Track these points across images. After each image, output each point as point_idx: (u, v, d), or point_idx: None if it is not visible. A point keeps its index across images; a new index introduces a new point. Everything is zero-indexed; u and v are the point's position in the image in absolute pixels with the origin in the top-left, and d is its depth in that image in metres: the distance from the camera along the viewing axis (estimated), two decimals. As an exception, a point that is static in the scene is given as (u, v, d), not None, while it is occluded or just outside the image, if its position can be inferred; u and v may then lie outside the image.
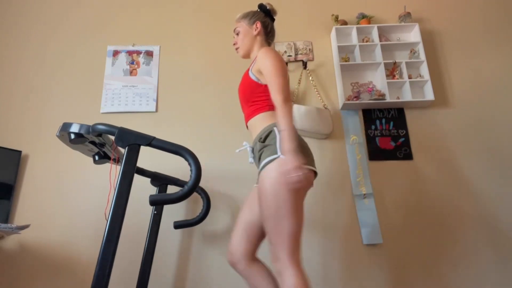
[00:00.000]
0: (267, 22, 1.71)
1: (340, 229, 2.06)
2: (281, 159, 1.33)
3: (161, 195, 1.19)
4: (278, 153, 1.36)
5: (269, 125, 1.47)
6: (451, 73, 2.43)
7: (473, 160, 2.22)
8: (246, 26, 1.68)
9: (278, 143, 1.38)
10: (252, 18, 1.68)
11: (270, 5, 1.74)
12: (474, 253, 2.03)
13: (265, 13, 1.73)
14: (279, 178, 1.31)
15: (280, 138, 1.35)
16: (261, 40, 1.68)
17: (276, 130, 1.43)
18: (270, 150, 1.39)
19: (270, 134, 1.44)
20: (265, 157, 1.40)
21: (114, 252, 1.12)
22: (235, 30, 1.71)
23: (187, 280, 1.96)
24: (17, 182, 2.10)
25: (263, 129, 1.48)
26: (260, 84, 1.53)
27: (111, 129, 1.24)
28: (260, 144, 1.46)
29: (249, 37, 1.67)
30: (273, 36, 1.75)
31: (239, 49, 1.70)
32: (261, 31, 1.67)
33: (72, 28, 2.51)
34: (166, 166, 2.05)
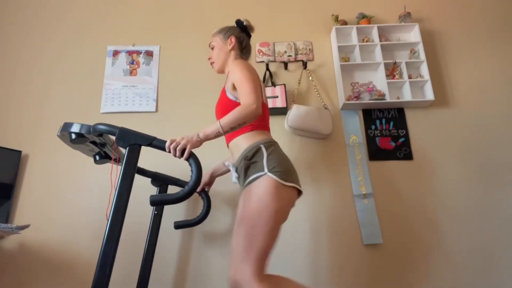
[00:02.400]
0: (243, 37, 1.70)
1: (340, 229, 2.06)
2: (267, 177, 1.34)
3: (161, 195, 1.19)
4: (265, 170, 1.36)
5: (255, 143, 1.46)
6: (451, 73, 2.44)
7: (473, 160, 2.22)
8: (220, 41, 1.68)
9: (265, 160, 1.38)
10: (227, 33, 1.68)
11: (247, 21, 1.73)
12: (474, 252, 2.03)
13: (241, 29, 1.72)
14: (264, 196, 1.32)
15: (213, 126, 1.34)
16: (235, 55, 1.67)
17: (263, 147, 1.43)
18: (257, 166, 1.39)
19: (258, 152, 1.43)
20: (252, 172, 1.40)
21: (114, 252, 1.12)
22: (210, 45, 1.72)
23: (187, 280, 1.96)
24: (17, 182, 2.10)
25: (248, 147, 1.47)
26: (237, 103, 1.50)
27: (112, 129, 1.24)
28: (246, 162, 1.44)
29: (223, 52, 1.67)
30: (248, 53, 1.73)
31: (214, 63, 1.70)
32: (235, 46, 1.67)
33: (72, 28, 2.51)
34: (167, 166, 2.05)
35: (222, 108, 1.56)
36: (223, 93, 1.58)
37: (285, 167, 1.40)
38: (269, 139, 1.51)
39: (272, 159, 1.40)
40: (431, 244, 2.04)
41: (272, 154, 1.42)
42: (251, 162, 1.43)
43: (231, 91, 1.53)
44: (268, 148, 1.44)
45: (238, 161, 1.52)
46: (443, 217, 2.09)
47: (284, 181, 1.36)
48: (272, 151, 1.44)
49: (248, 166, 1.43)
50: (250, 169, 1.42)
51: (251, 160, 1.43)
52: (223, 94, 1.58)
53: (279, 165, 1.38)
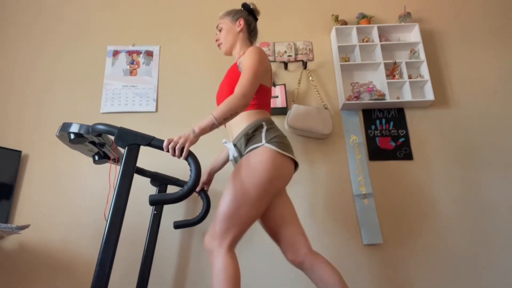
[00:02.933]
0: (250, 20, 1.73)
1: (340, 229, 2.06)
2: (264, 147, 1.36)
3: (160, 195, 1.19)
4: (263, 141, 1.39)
5: (256, 120, 1.48)
6: (451, 73, 2.43)
7: (473, 160, 2.22)
8: (229, 23, 1.70)
9: (264, 133, 1.41)
10: (236, 15, 1.70)
11: (253, 5, 1.75)
12: (474, 252, 2.02)
13: (248, 12, 1.74)
14: (259, 164, 1.33)
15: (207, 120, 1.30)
16: (244, 38, 1.69)
17: (264, 124, 1.46)
18: (255, 139, 1.42)
19: (258, 128, 1.46)
20: (250, 144, 1.43)
21: (114, 252, 1.12)
22: (217, 27, 1.73)
23: (187, 280, 1.96)
24: (17, 182, 2.10)
25: (250, 124, 1.48)
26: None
27: (110, 129, 1.24)
28: (246, 138, 1.46)
29: (232, 34, 1.68)
30: (255, 35, 1.76)
31: (221, 45, 1.71)
32: (244, 28, 1.69)
33: (72, 28, 2.51)
34: (166, 166, 2.05)
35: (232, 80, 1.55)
36: (233, 69, 1.60)
37: (283, 139, 1.43)
38: (269, 118, 1.55)
39: (270, 132, 1.43)
40: (431, 244, 2.04)
41: (272, 129, 1.45)
42: (250, 136, 1.45)
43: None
44: (269, 125, 1.48)
45: (238, 137, 1.52)
46: (443, 217, 2.09)
47: (282, 151, 1.38)
48: (272, 127, 1.47)
49: (248, 140, 1.46)
50: (249, 143, 1.44)
51: (250, 135, 1.46)
52: (234, 69, 1.59)
53: (277, 136, 1.42)
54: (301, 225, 1.50)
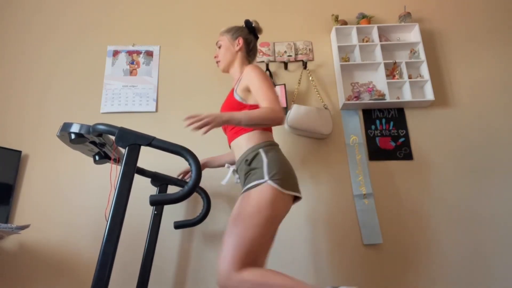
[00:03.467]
0: (250, 39, 1.71)
1: (340, 229, 2.06)
2: (267, 185, 1.34)
3: (161, 195, 1.19)
4: (265, 178, 1.36)
5: (254, 146, 1.46)
6: (451, 73, 2.44)
7: (473, 160, 2.22)
8: (228, 41, 1.69)
9: (266, 167, 1.39)
10: (235, 34, 1.69)
11: (256, 23, 1.73)
12: (474, 252, 2.02)
13: (249, 30, 1.72)
14: (260, 202, 1.32)
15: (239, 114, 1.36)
16: (242, 57, 1.68)
17: (262, 152, 1.43)
18: (257, 174, 1.39)
19: (257, 157, 1.43)
20: (252, 179, 1.40)
21: (114, 252, 1.12)
22: (217, 44, 1.72)
23: (187, 280, 1.96)
24: (17, 182, 2.10)
25: (248, 150, 1.47)
26: (244, 105, 1.52)
27: (111, 129, 1.24)
28: (246, 167, 1.45)
29: (230, 52, 1.68)
30: (254, 55, 1.75)
31: (219, 62, 1.71)
32: (243, 48, 1.68)
33: (72, 28, 2.51)
34: (166, 166, 2.05)
35: (228, 108, 1.57)
36: (230, 95, 1.60)
37: (285, 173, 1.40)
38: (270, 141, 1.51)
39: (272, 165, 1.39)
40: (431, 244, 2.04)
41: (273, 160, 1.42)
42: (251, 168, 1.43)
43: (240, 93, 1.54)
44: (268, 152, 1.44)
45: (238, 162, 1.53)
46: (443, 217, 2.09)
47: (284, 189, 1.36)
48: (272, 156, 1.43)
49: (248, 172, 1.43)
50: (250, 176, 1.42)
51: (250, 166, 1.43)
52: (231, 96, 1.59)
53: (279, 171, 1.38)
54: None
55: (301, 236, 2.04)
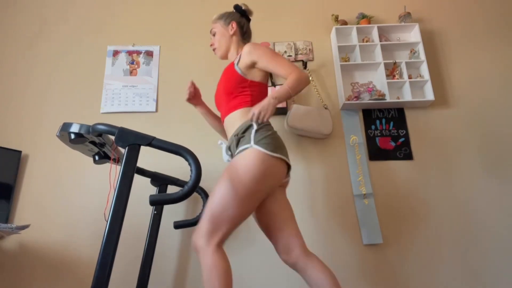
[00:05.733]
0: (243, 22, 1.73)
1: (340, 229, 2.06)
2: (252, 148, 1.36)
3: (161, 195, 1.19)
4: (251, 142, 1.37)
5: (247, 121, 1.47)
6: (451, 73, 2.44)
7: (473, 160, 2.22)
8: (221, 27, 1.70)
9: (253, 134, 1.40)
10: (228, 19, 1.70)
11: (245, 6, 1.75)
12: (474, 252, 2.02)
13: (240, 14, 1.74)
14: (246, 163, 1.33)
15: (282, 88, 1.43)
16: (237, 40, 1.69)
17: (255, 124, 1.44)
18: (244, 140, 1.41)
19: (248, 129, 1.44)
20: (240, 146, 1.42)
21: (114, 252, 1.12)
22: (211, 31, 1.73)
23: (187, 280, 1.96)
24: (17, 182, 2.10)
25: (240, 126, 1.49)
26: (245, 79, 1.54)
27: (111, 129, 1.24)
28: (236, 139, 1.47)
29: (226, 38, 1.69)
30: (249, 37, 1.76)
31: (216, 50, 1.72)
32: (237, 31, 1.69)
33: (72, 28, 2.51)
34: (166, 166, 2.05)
35: (228, 80, 1.56)
36: (229, 69, 1.60)
37: (272, 140, 1.40)
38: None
39: (259, 134, 1.41)
40: (431, 244, 2.04)
41: (262, 130, 1.43)
42: (240, 136, 1.45)
43: (243, 68, 1.55)
44: (259, 124, 1.45)
45: (230, 139, 1.54)
46: (443, 217, 2.09)
47: (270, 152, 1.36)
48: (262, 127, 1.45)
49: (238, 141, 1.46)
50: (239, 144, 1.44)
51: (240, 136, 1.46)
52: (230, 69, 1.59)
53: (265, 138, 1.39)
54: (297, 226, 1.48)
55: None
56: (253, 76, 1.55)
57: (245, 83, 1.54)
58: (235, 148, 1.48)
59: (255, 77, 1.55)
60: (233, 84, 1.54)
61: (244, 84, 1.54)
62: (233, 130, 1.53)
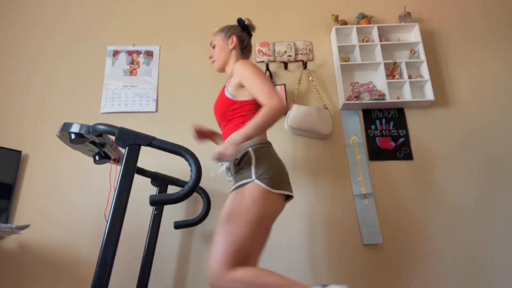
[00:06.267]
0: (244, 37, 1.70)
1: (340, 229, 2.06)
2: (254, 184, 1.33)
3: (161, 195, 1.19)
4: (252, 177, 1.34)
5: (244, 145, 1.44)
6: (451, 73, 2.44)
7: (473, 160, 2.22)
8: (221, 40, 1.68)
9: (253, 166, 1.37)
10: (228, 32, 1.68)
11: (248, 21, 1.72)
12: (474, 252, 2.03)
13: (242, 28, 1.71)
14: (248, 200, 1.31)
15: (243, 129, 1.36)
16: (237, 55, 1.67)
17: (251, 152, 1.41)
18: (244, 173, 1.38)
19: (246, 156, 1.41)
20: (239, 179, 1.39)
21: (114, 252, 1.12)
22: (211, 44, 1.71)
23: (187, 280, 1.96)
24: (17, 182, 2.10)
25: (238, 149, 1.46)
26: (235, 101, 1.51)
27: (111, 129, 1.24)
28: (235, 167, 1.44)
29: (225, 51, 1.66)
30: (249, 52, 1.73)
31: (215, 62, 1.70)
32: (237, 45, 1.67)
33: (72, 28, 2.51)
34: (166, 166, 2.05)
35: (220, 105, 1.57)
36: (222, 93, 1.59)
37: (274, 172, 1.38)
38: (261, 139, 1.48)
39: (260, 165, 1.37)
40: (431, 244, 2.04)
41: (261, 159, 1.40)
42: (239, 167, 1.42)
43: (231, 90, 1.53)
44: (258, 151, 1.42)
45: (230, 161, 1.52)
46: (443, 217, 2.09)
47: (272, 188, 1.33)
48: (261, 155, 1.41)
49: (237, 171, 1.43)
50: (238, 175, 1.41)
51: (239, 165, 1.42)
52: (222, 93, 1.58)
53: (267, 171, 1.36)
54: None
55: (301, 236, 2.04)
56: (244, 95, 1.51)
57: (235, 105, 1.51)
58: (233, 172, 1.47)
59: (246, 96, 1.51)
60: (224, 109, 1.53)
61: (234, 107, 1.51)
62: None
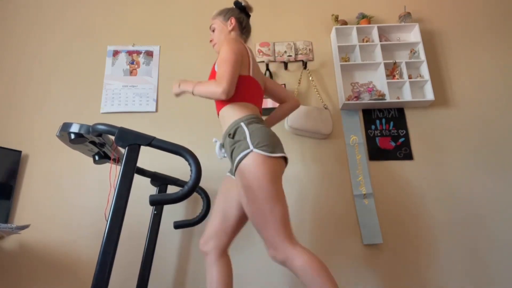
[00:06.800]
0: (242, 18, 1.73)
1: (340, 229, 2.06)
2: (254, 153, 1.37)
3: (161, 195, 1.19)
4: (250, 147, 1.39)
5: (236, 121, 1.49)
6: (451, 73, 2.44)
7: (473, 160, 2.22)
8: (220, 23, 1.70)
9: (249, 137, 1.41)
10: (227, 15, 1.70)
11: (245, 2, 1.75)
12: (474, 252, 2.02)
13: (240, 10, 1.74)
14: (256, 172, 1.35)
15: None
16: (236, 36, 1.69)
17: (243, 125, 1.46)
18: (242, 145, 1.41)
19: (238, 129, 1.46)
20: (238, 153, 1.42)
21: (114, 252, 1.12)
22: (210, 27, 1.74)
23: (187, 280, 1.96)
24: (17, 182, 2.10)
25: (230, 124, 1.50)
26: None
27: (111, 129, 1.24)
28: (230, 140, 1.48)
29: (224, 33, 1.69)
30: (248, 32, 1.76)
31: (215, 45, 1.72)
32: (236, 27, 1.69)
33: (72, 28, 2.51)
34: (166, 166, 2.05)
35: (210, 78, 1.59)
36: (213, 66, 1.62)
37: (268, 140, 1.42)
38: (251, 114, 1.51)
39: (255, 135, 1.42)
40: (431, 244, 2.04)
41: (254, 130, 1.44)
42: (235, 141, 1.45)
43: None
44: (249, 124, 1.46)
45: (223, 137, 1.56)
46: (443, 217, 2.09)
47: (271, 153, 1.39)
48: (252, 127, 1.46)
49: (233, 145, 1.46)
50: (235, 150, 1.44)
51: (234, 139, 1.46)
52: (213, 67, 1.61)
53: (262, 139, 1.41)
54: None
55: (301, 236, 2.04)
56: None
57: None
58: (228, 150, 1.49)
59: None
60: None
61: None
62: (225, 128, 1.55)
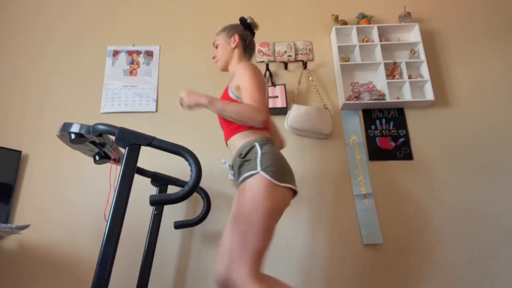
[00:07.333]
0: (246, 35, 1.69)
1: (340, 229, 2.06)
2: (260, 176, 1.33)
3: (161, 195, 1.19)
4: (258, 169, 1.35)
5: (250, 141, 1.45)
6: (451, 73, 2.44)
7: (473, 160, 2.22)
8: (224, 40, 1.67)
9: (259, 158, 1.37)
10: (231, 31, 1.67)
11: (251, 19, 1.72)
12: (474, 252, 2.03)
13: (245, 27, 1.71)
14: (257, 196, 1.31)
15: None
16: (239, 53, 1.66)
17: (257, 145, 1.42)
18: (250, 164, 1.38)
19: (252, 150, 1.42)
20: (245, 170, 1.39)
21: (114, 252, 1.12)
22: (214, 44, 1.71)
23: (187, 280, 1.96)
24: (17, 182, 2.10)
25: (243, 145, 1.46)
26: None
27: (111, 129, 1.24)
28: (240, 160, 1.44)
29: (227, 50, 1.66)
30: (252, 50, 1.73)
31: (218, 62, 1.69)
32: (239, 44, 1.66)
33: (72, 28, 2.51)
34: (166, 166, 2.05)
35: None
36: (225, 93, 1.59)
37: (279, 166, 1.38)
38: (265, 137, 1.49)
39: (266, 158, 1.38)
40: (431, 244, 2.04)
41: (267, 153, 1.40)
42: (244, 160, 1.42)
43: (234, 90, 1.52)
44: (263, 146, 1.43)
45: (233, 158, 1.52)
46: (442, 217, 2.09)
47: (277, 181, 1.34)
48: (266, 149, 1.42)
49: (242, 164, 1.43)
50: (243, 167, 1.41)
51: (245, 158, 1.42)
52: (225, 93, 1.58)
53: (272, 164, 1.37)
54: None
55: (301, 236, 2.04)
56: None
57: None
58: (237, 169, 1.46)
59: None
60: None
61: None
62: (235, 150, 1.51)
